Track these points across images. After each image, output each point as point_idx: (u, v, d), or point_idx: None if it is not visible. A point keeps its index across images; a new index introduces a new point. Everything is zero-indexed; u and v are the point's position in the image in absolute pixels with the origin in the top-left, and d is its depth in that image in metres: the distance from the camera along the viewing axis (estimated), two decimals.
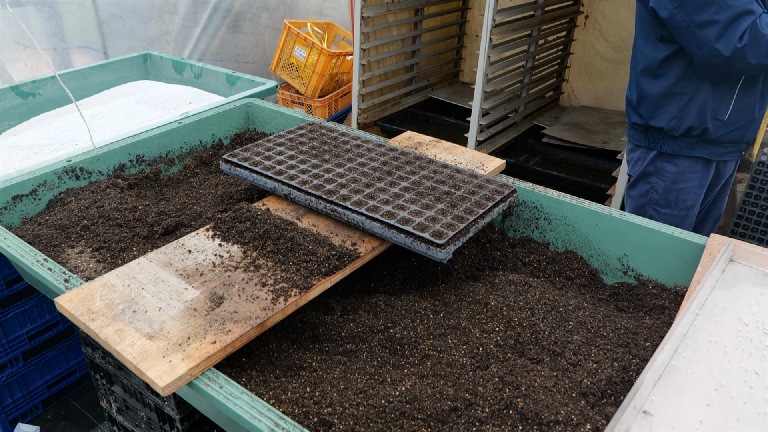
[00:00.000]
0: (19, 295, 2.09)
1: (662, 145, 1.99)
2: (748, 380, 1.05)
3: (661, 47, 1.86)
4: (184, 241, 1.45)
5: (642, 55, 1.93)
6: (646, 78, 1.94)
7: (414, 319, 1.36)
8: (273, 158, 1.71)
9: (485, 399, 1.09)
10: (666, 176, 2.02)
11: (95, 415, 2.29)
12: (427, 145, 1.93)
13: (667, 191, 2.03)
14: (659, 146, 2.00)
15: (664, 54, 1.86)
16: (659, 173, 2.03)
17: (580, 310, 1.37)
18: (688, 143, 1.95)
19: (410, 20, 3.84)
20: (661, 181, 2.03)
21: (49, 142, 2.26)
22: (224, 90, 2.81)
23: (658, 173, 2.04)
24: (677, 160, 1.98)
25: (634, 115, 2.03)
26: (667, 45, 1.84)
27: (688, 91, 1.87)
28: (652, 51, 1.89)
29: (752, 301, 1.26)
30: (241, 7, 4.37)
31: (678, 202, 2.04)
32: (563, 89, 4.10)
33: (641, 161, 2.08)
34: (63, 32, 3.66)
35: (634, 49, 1.98)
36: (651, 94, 1.94)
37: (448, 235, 1.34)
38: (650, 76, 1.92)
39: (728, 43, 1.66)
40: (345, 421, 1.04)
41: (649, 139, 2.02)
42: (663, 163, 2.01)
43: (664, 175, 2.02)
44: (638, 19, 1.93)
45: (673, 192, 2.03)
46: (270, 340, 1.28)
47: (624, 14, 3.65)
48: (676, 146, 1.96)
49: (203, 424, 1.47)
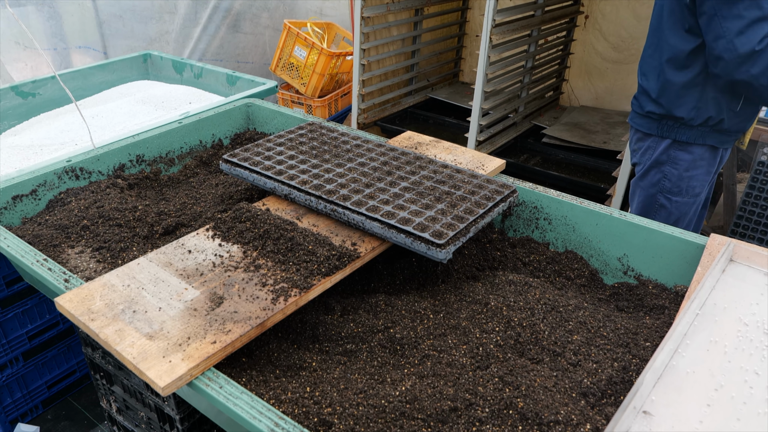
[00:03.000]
0: (19, 295, 2.09)
1: (677, 134, 2.02)
2: (748, 380, 1.05)
3: (689, 39, 1.88)
4: (184, 241, 1.45)
5: (668, 46, 1.95)
6: (672, 68, 1.96)
7: (414, 319, 1.36)
8: (273, 158, 1.71)
9: (485, 399, 1.09)
10: (679, 164, 2.05)
11: (95, 415, 2.29)
12: (427, 145, 1.93)
13: (680, 179, 2.07)
14: (674, 135, 2.03)
15: (692, 45, 1.88)
16: (672, 162, 2.06)
17: (580, 310, 1.37)
18: (702, 132, 1.98)
19: (410, 20, 3.84)
20: (674, 169, 2.07)
21: (49, 142, 2.26)
22: (224, 90, 2.81)
23: (672, 162, 2.07)
24: (692, 148, 2.02)
25: (651, 104, 2.05)
26: (695, 37, 1.86)
27: (708, 83, 1.90)
28: (679, 42, 1.91)
29: (752, 301, 1.26)
30: (241, 7, 4.37)
31: (689, 189, 2.08)
32: (563, 89, 4.10)
33: (652, 150, 2.10)
34: (63, 32, 3.66)
35: (659, 39, 2.00)
36: (675, 83, 1.96)
37: (448, 235, 1.34)
38: (676, 66, 1.95)
39: (747, 42, 1.68)
40: (345, 421, 1.04)
41: (662, 128, 2.05)
42: (677, 152, 2.04)
43: (677, 163, 2.06)
44: (668, 9, 1.94)
45: (684, 179, 2.07)
46: (270, 340, 1.28)
47: (624, 14, 3.65)
48: (691, 135, 2.00)
49: (203, 424, 1.47)
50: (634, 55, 3.65)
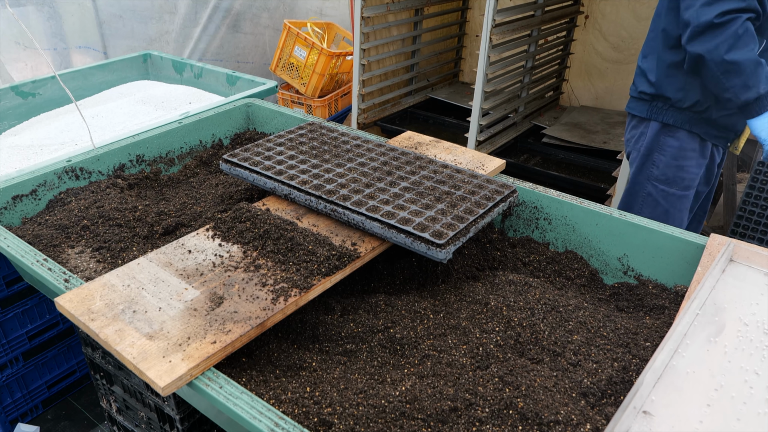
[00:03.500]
0: (19, 295, 2.09)
1: (665, 116, 2.03)
2: (748, 380, 1.05)
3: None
4: (184, 241, 1.45)
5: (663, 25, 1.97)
6: (664, 47, 1.99)
7: (414, 319, 1.36)
8: (273, 158, 1.71)
9: (485, 399, 1.09)
10: (667, 151, 2.06)
11: (95, 415, 2.29)
12: (427, 145, 1.93)
13: (667, 166, 2.08)
14: (662, 117, 2.04)
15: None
16: (660, 148, 2.08)
17: (580, 310, 1.37)
18: (690, 117, 2.00)
19: (410, 20, 3.84)
20: (662, 156, 2.08)
21: (49, 142, 2.26)
22: (224, 90, 2.81)
23: (660, 148, 2.08)
24: (679, 133, 2.03)
25: (645, 83, 2.07)
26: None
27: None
28: (672, 21, 1.94)
29: (752, 301, 1.26)
30: (241, 7, 4.37)
31: (677, 180, 2.08)
32: (563, 89, 4.10)
33: (643, 136, 2.12)
34: (63, 32, 3.66)
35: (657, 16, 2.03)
36: (665, 61, 1.99)
37: (448, 235, 1.34)
38: (668, 45, 1.97)
39: (708, 12, 1.72)
40: (345, 421, 1.04)
41: (651, 110, 2.07)
42: (665, 137, 2.06)
43: (665, 149, 2.07)
44: None
45: (672, 168, 2.07)
46: (270, 340, 1.28)
47: (624, 14, 3.65)
48: (678, 119, 2.01)
49: (203, 424, 1.47)
50: (634, 55, 3.65)
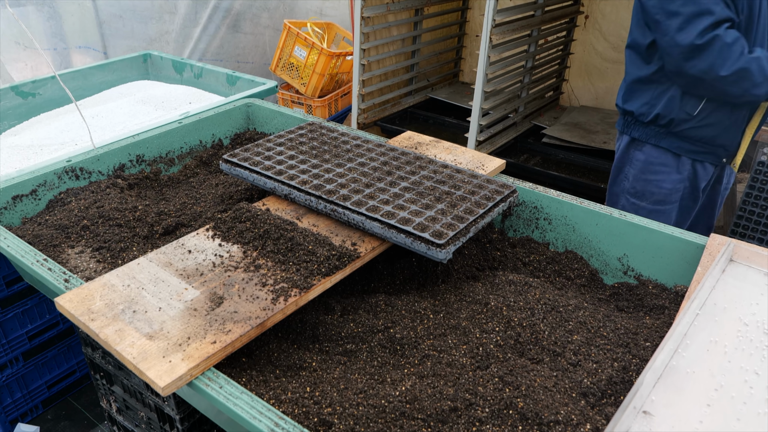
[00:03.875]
0: (19, 295, 2.09)
1: (632, 130, 2.04)
2: (748, 380, 1.05)
3: (647, 33, 1.90)
4: (184, 241, 1.45)
5: (632, 39, 1.98)
6: (633, 61, 1.99)
7: (414, 319, 1.36)
8: (273, 158, 1.71)
9: (485, 399, 1.09)
10: (635, 164, 2.06)
11: (95, 415, 2.29)
12: (427, 145, 1.93)
13: (636, 180, 2.07)
14: (630, 131, 2.05)
15: (649, 40, 1.90)
16: (630, 161, 2.08)
17: (580, 310, 1.37)
18: (656, 132, 1.98)
19: (410, 20, 3.84)
20: (631, 168, 2.08)
21: (49, 142, 2.26)
22: (224, 90, 2.81)
23: (630, 161, 2.09)
24: (645, 148, 2.03)
25: (619, 97, 2.08)
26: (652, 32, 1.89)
27: (666, 81, 1.92)
28: (639, 35, 1.94)
29: (752, 301, 1.26)
30: (241, 7, 4.37)
31: (646, 194, 2.06)
32: (563, 89, 4.09)
33: (618, 149, 2.14)
34: (63, 32, 3.66)
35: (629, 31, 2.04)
36: (630, 75, 1.99)
37: (448, 235, 1.34)
38: (636, 60, 1.97)
39: (686, 36, 1.72)
40: (345, 421, 1.04)
41: (624, 123, 2.08)
42: (634, 150, 2.06)
43: (633, 163, 2.07)
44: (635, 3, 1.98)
45: (640, 182, 2.06)
46: (270, 340, 1.28)
47: (624, 14, 3.65)
48: (644, 133, 2.01)
49: (203, 424, 1.47)
50: None
